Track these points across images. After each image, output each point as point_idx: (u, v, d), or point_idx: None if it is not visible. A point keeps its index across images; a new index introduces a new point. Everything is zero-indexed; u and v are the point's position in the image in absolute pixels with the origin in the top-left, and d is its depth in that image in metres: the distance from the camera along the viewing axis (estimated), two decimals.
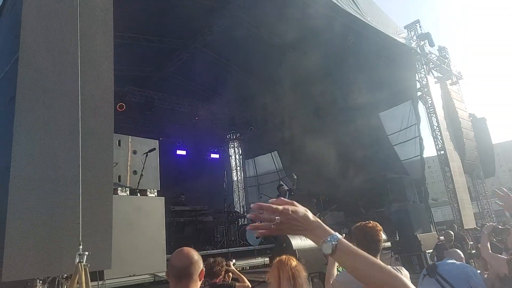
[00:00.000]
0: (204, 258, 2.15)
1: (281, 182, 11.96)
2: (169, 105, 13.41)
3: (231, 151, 17.21)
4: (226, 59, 12.25)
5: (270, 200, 1.05)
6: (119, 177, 4.78)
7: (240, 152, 17.21)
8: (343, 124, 12.50)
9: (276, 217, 1.01)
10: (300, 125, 13.39)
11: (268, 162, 15.94)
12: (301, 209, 1.05)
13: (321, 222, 1.05)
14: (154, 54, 11.25)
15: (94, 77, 3.81)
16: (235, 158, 17.16)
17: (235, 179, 16.92)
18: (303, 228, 1.03)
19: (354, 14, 8.94)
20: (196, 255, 1.89)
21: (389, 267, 1.00)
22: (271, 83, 13.09)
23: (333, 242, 0.99)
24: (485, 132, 13.78)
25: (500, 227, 5.35)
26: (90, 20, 3.90)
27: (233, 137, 17.18)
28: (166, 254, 4.55)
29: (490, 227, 3.99)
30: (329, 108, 12.83)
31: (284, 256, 2.30)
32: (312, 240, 1.06)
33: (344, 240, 1.01)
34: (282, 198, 1.08)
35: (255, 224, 1.05)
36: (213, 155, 15.86)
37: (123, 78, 11.02)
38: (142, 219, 4.59)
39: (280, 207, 1.03)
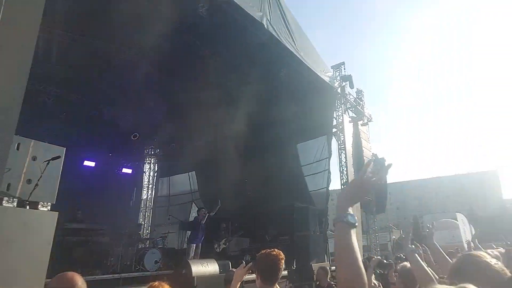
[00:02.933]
0: (90, 284, 2.03)
1: (201, 206, 11.85)
2: (86, 110, 12.28)
3: (147, 167, 16.43)
4: (158, 70, 11.72)
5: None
6: (9, 185, 4.21)
7: (156, 169, 16.55)
8: (263, 151, 12.95)
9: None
10: (221, 149, 13.48)
11: (184, 182, 15.64)
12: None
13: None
14: (78, 55, 10.11)
15: (5, 70, 3.39)
16: (149, 175, 16.40)
17: (145, 197, 16.07)
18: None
19: (290, 48, 9.39)
20: (80, 281, 1.78)
21: (362, 269, 1.19)
22: (199, 102, 12.92)
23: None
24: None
25: (384, 261, 6.00)
26: (15, 8, 3.50)
27: (151, 152, 16.47)
28: (46, 278, 4.02)
29: (376, 261, 4.38)
30: (251, 135, 13.14)
31: (156, 282, 2.08)
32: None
33: None
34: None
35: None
36: (125, 170, 14.90)
37: (39, 76, 9.93)
38: (26, 237, 4.04)
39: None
